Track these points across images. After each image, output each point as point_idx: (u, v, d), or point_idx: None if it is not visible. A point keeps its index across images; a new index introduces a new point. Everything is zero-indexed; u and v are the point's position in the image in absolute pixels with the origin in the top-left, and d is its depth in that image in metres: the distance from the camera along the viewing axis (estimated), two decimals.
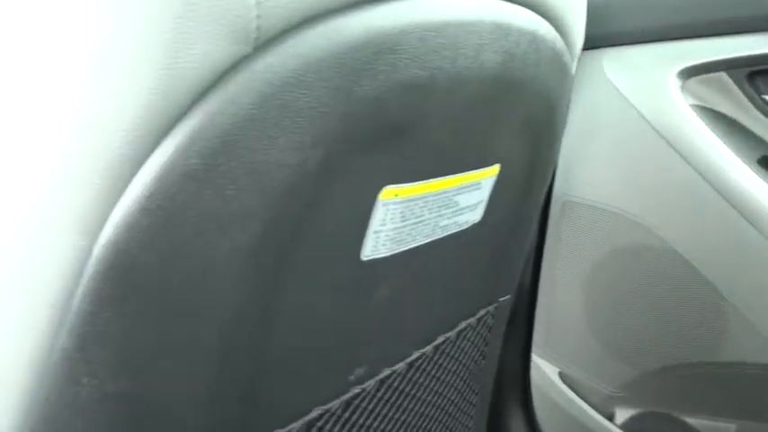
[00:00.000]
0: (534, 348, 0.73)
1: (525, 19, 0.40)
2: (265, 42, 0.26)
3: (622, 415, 0.71)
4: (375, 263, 0.39)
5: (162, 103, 0.25)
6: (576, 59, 0.51)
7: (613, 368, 0.71)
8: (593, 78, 0.65)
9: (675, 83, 0.62)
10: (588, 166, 0.68)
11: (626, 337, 0.70)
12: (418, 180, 0.38)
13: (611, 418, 0.72)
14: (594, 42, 0.62)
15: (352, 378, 0.43)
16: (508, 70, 0.39)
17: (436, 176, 0.39)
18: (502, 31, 0.37)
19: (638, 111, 0.63)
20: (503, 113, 0.42)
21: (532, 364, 0.73)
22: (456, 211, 0.43)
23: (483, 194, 0.46)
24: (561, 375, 0.73)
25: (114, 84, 0.25)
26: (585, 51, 0.61)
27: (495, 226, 0.50)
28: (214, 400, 0.33)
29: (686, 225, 0.62)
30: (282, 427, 0.38)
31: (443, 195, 0.41)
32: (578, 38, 0.50)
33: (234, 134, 0.26)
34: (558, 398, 0.73)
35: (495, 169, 0.45)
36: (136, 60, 0.25)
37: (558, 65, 0.45)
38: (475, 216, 0.46)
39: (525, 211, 0.54)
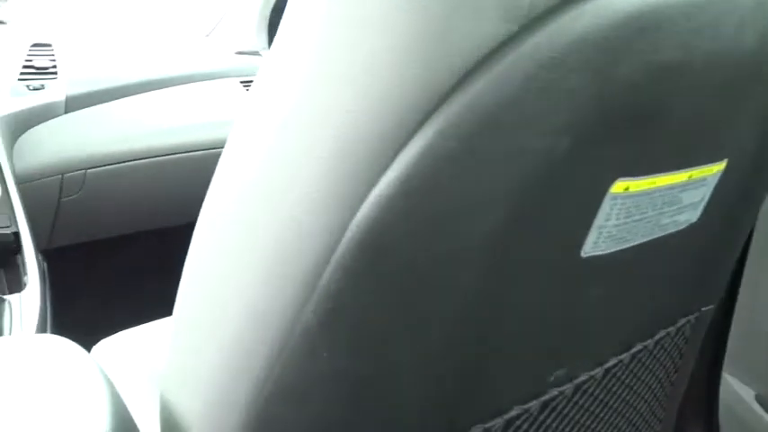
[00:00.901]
0: (726, 365, 0.66)
1: None
2: (532, 20, 0.25)
3: None
4: (591, 260, 0.36)
5: (426, 85, 0.24)
6: None
7: None
8: None
9: None
10: None
11: None
12: (650, 174, 0.35)
13: None
14: None
15: (551, 379, 0.41)
16: (764, 51, 0.34)
17: (668, 170, 0.36)
18: (762, 5, 0.33)
19: None
20: (747, 100, 0.37)
21: (723, 383, 0.66)
22: (678, 209, 0.39)
23: (707, 192, 0.41)
24: (759, 398, 0.65)
25: (378, 67, 0.25)
26: None
27: (709, 227, 0.45)
28: (435, 384, 0.32)
29: None
30: (485, 422, 0.37)
31: (670, 191, 0.37)
32: None
33: (494, 117, 0.25)
34: (753, 422, 0.65)
35: (723, 164, 0.40)
36: (400, 41, 0.25)
37: None
38: (694, 215, 0.42)
39: (743, 213, 0.48)
